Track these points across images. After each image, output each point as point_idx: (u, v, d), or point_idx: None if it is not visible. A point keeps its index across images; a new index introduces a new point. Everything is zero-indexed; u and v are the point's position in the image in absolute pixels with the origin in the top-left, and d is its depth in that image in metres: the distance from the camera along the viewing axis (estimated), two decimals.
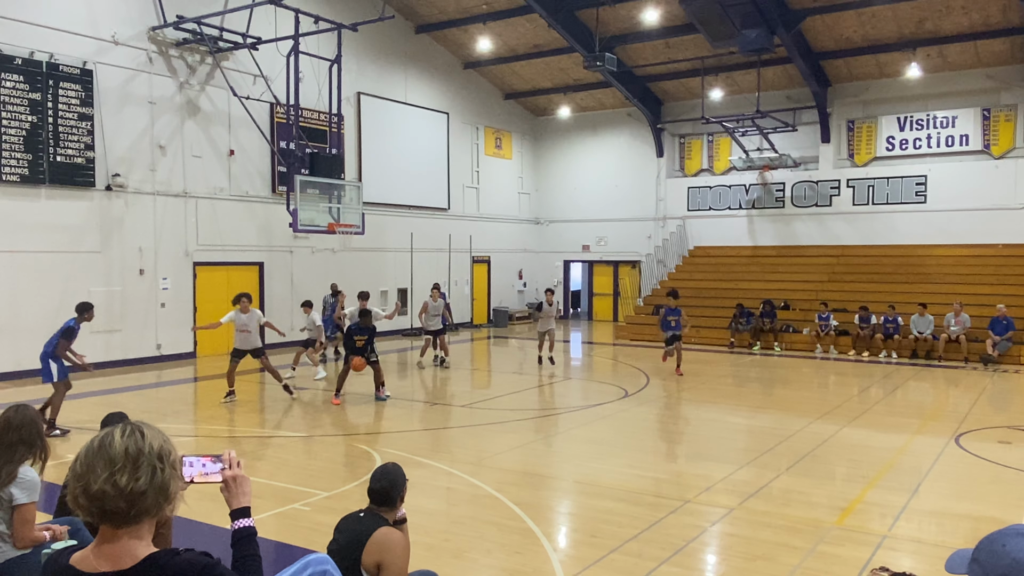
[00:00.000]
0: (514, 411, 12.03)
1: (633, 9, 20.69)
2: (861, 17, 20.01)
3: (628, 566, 5.78)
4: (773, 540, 6.31)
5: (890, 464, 8.76)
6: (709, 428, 10.96)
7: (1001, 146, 21.31)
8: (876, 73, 22.37)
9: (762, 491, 7.66)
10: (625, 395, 13.22)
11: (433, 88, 24.30)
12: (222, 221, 18.12)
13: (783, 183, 24.17)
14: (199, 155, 17.60)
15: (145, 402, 12.48)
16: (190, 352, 17.51)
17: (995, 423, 11.12)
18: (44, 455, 4.51)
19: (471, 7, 21.95)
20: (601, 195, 27.31)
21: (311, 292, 19.50)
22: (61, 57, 15.04)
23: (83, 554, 2.05)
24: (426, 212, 23.96)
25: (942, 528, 6.80)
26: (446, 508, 7.39)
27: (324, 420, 11.42)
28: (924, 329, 17.96)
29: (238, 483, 2.43)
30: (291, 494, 7.51)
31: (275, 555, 5.81)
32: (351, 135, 21.14)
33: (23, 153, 14.53)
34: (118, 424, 2.09)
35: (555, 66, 24.92)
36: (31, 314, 14.70)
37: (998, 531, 1.74)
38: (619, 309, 27.36)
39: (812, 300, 20.58)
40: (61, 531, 4.37)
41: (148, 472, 1.98)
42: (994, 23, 19.45)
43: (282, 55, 17.38)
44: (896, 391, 14.05)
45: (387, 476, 4.21)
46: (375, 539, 3.93)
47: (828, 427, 10.64)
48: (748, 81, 23.03)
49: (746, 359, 18.18)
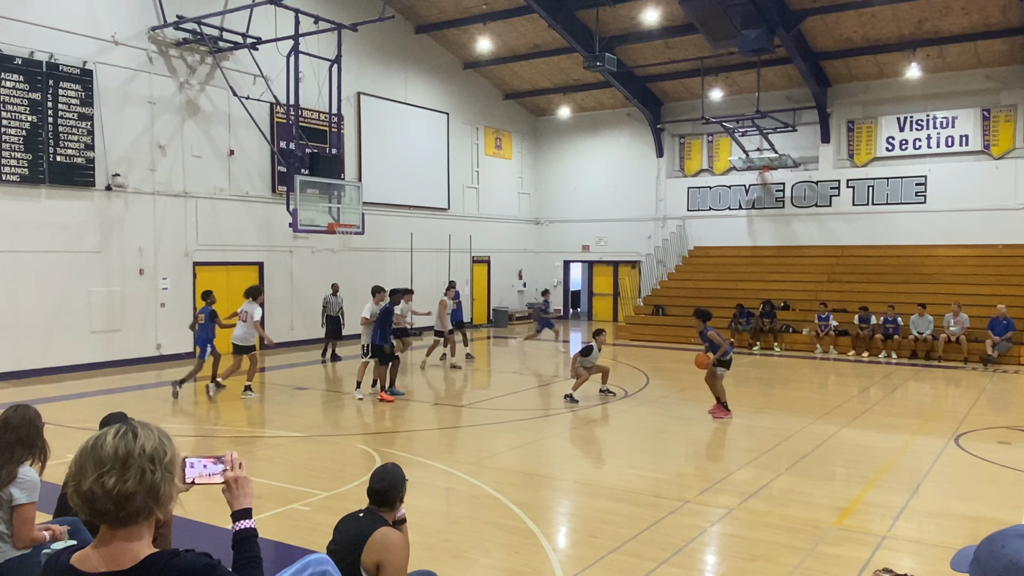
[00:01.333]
0: (514, 411, 12.03)
1: (633, 9, 20.69)
2: (861, 17, 20.02)
3: (627, 566, 5.78)
4: (773, 540, 6.32)
5: (890, 464, 8.76)
6: (709, 428, 10.96)
7: (1001, 146, 21.32)
8: (876, 73, 22.37)
9: (762, 491, 7.66)
10: (625, 395, 13.22)
11: (433, 88, 24.30)
12: (222, 221, 18.12)
13: (783, 183, 24.17)
14: (199, 155, 17.60)
15: (145, 402, 12.47)
16: (190, 352, 17.48)
17: (995, 423, 11.12)
18: (43, 455, 4.51)
19: (471, 7, 21.95)
20: (601, 195, 27.31)
21: (311, 292, 19.54)
22: (61, 57, 15.03)
23: (84, 554, 2.05)
24: (426, 212, 23.96)
25: (942, 528, 6.80)
26: (445, 508, 7.39)
27: (324, 420, 11.41)
28: (924, 329, 17.97)
29: (240, 484, 2.42)
30: (291, 494, 7.51)
31: (275, 555, 5.81)
32: (351, 135, 21.15)
33: (23, 153, 14.53)
34: (116, 424, 2.09)
35: (555, 66, 24.92)
36: (31, 314, 14.71)
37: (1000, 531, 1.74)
38: (619, 309, 27.36)
39: (812, 300, 20.58)
40: (61, 531, 4.37)
41: (137, 474, 1.96)
42: (994, 23, 19.45)
43: (282, 55, 17.38)
44: (896, 391, 14.05)
45: (387, 476, 4.21)
46: (375, 539, 3.93)
47: (828, 427, 10.64)
48: (748, 81, 23.03)
49: (746, 359, 18.17)
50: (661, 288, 24.21)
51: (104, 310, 15.90)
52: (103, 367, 15.68)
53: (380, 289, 13.44)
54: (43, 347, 14.93)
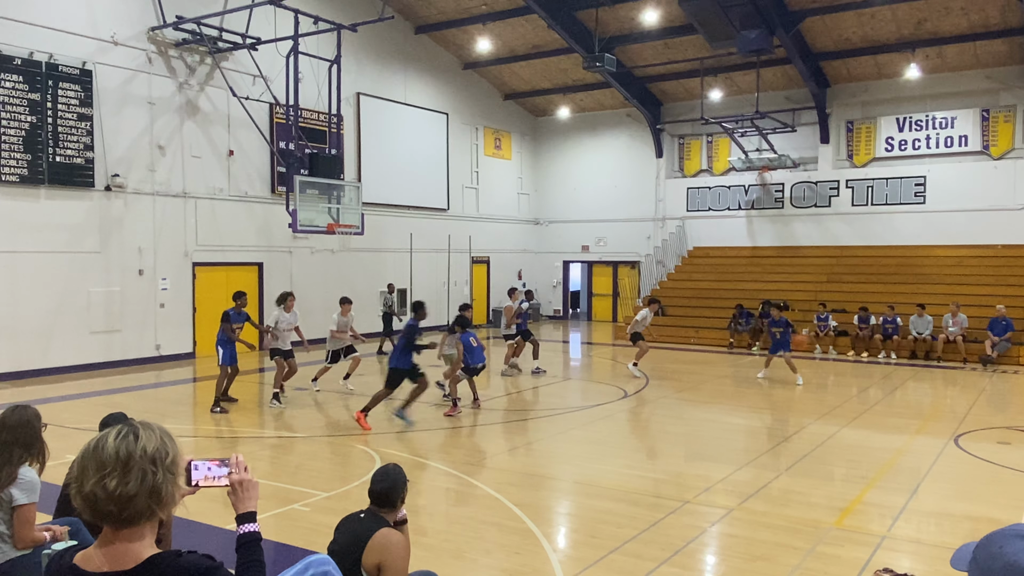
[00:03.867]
0: (514, 412, 12.03)
1: (632, 10, 20.70)
2: (860, 18, 20.03)
3: (627, 567, 5.79)
4: (772, 541, 6.32)
5: (889, 465, 8.77)
6: (708, 429, 10.97)
7: (1000, 147, 21.33)
8: (875, 74, 22.38)
9: (761, 492, 7.67)
10: (624, 396, 13.22)
11: (432, 88, 24.30)
12: (221, 221, 18.12)
13: (782, 184, 24.18)
14: (198, 155, 17.60)
15: (144, 402, 12.47)
16: (189, 352, 17.51)
17: (994, 424, 11.12)
18: (42, 456, 4.51)
19: (471, 7, 21.96)
20: (600, 196, 27.32)
21: (311, 293, 19.52)
22: (60, 57, 15.03)
23: (86, 554, 2.06)
24: (425, 212, 23.96)
25: (941, 529, 6.81)
26: (446, 508, 7.40)
27: (324, 420, 11.41)
28: (923, 330, 17.97)
29: (244, 487, 2.42)
30: (291, 494, 7.52)
31: (275, 555, 5.81)
32: (350, 135, 21.15)
33: (22, 153, 14.53)
34: (117, 425, 2.10)
35: (554, 67, 24.92)
36: (30, 314, 14.71)
37: (998, 531, 1.74)
38: (618, 310, 27.37)
39: (811, 301, 20.59)
40: (61, 531, 4.37)
41: (138, 476, 1.97)
42: (993, 24, 19.46)
43: (281, 55, 17.38)
44: (895, 392, 14.06)
45: (388, 478, 4.22)
46: (376, 540, 3.94)
47: (827, 428, 10.65)
48: (747, 82, 23.04)
49: (745, 359, 18.18)
50: (661, 288, 24.20)
51: (103, 310, 15.89)
52: (102, 367, 15.67)
53: (348, 300, 13.34)
54: (42, 347, 14.92)
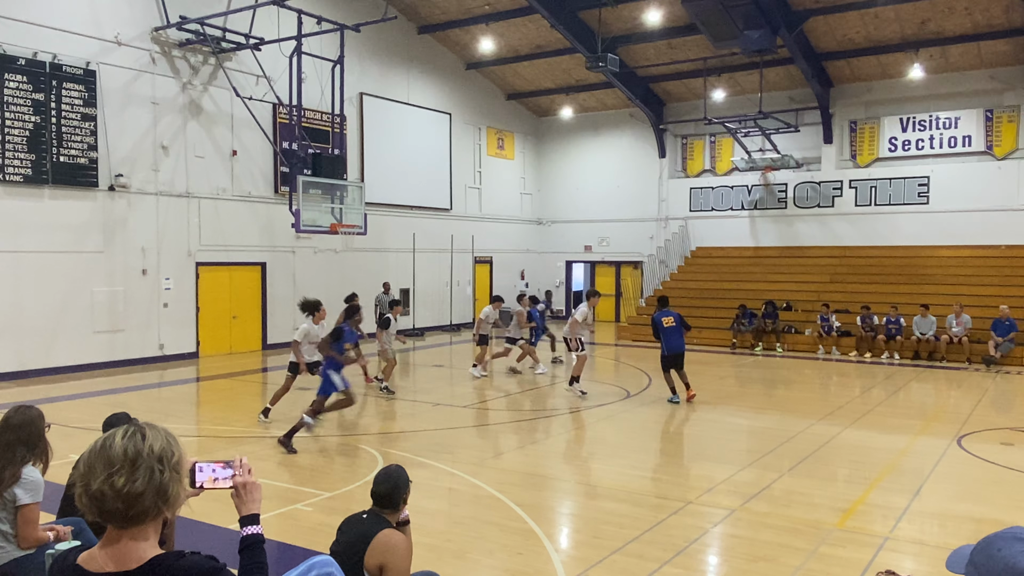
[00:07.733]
0: (516, 412, 12.04)
1: (635, 10, 20.69)
2: (864, 18, 20.00)
3: (630, 567, 5.79)
4: (775, 541, 6.32)
5: (892, 465, 8.76)
6: (711, 429, 10.96)
7: (1004, 147, 21.29)
8: (879, 74, 22.35)
9: (764, 492, 7.66)
10: (627, 396, 13.22)
11: (435, 88, 24.31)
12: (225, 221, 18.14)
13: (785, 184, 24.16)
14: (202, 155, 17.63)
15: (148, 402, 12.50)
16: (193, 352, 17.53)
17: (997, 425, 11.11)
18: (45, 456, 4.52)
19: (473, 8, 21.96)
20: (603, 196, 27.32)
21: (313, 293, 19.47)
22: (64, 57, 15.06)
23: (90, 554, 2.07)
24: (428, 212, 23.97)
25: (944, 530, 6.80)
26: (448, 509, 7.40)
27: (326, 420, 11.41)
28: (926, 330, 17.95)
29: (248, 489, 2.42)
30: (293, 494, 7.53)
31: (277, 555, 5.82)
32: (353, 136, 21.17)
33: (26, 153, 14.56)
34: (123, 425, 2.11)
35: (557, 67, 24.92)
36: (34, 314, 14.74)
37: (996, 533, 1.74)
38: (621, 310, 27.37)
39: (814, 301, 20.57)
40: (65, 531, 4.38)
41: (146, 474, 1.99)
42: (997, 24, 19.43)
43: (285, 56, 17.41)
44: (898, 392, 14.04)
45: (390, 479, 4.23)
46: (378, 541, 3.94)
47: (830, 428, 10.64)
48: (750, 82, 23.02)
49: (748, 360, 18.17)
50: (663, 288, 24.18)
51: (107, 310, 15.93)
52: (106, 367, 15.70)
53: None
54: (46, 347, 14.96)
